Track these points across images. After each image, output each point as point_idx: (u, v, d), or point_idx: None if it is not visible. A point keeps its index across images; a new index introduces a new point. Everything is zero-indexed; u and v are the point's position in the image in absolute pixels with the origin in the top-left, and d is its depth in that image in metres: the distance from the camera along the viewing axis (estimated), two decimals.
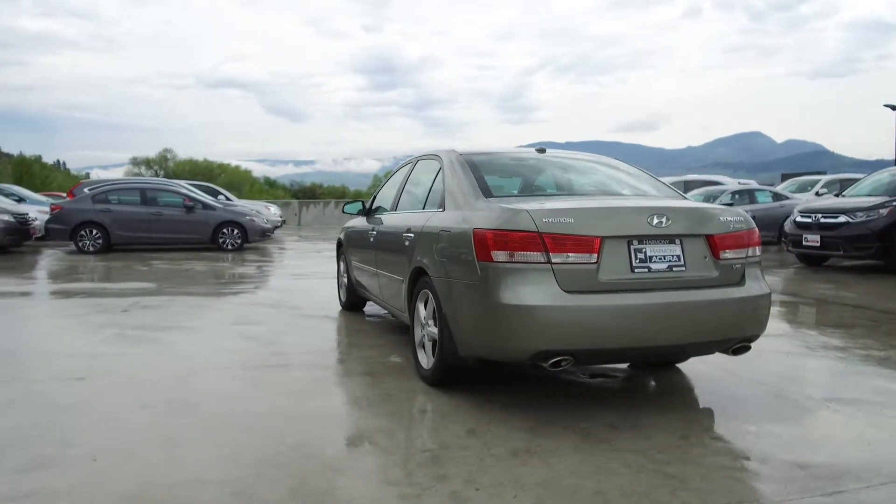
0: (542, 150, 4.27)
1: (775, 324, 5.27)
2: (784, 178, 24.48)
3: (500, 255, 3.04)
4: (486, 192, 3.59)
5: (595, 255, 3.03)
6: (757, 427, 3.07)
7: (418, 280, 3.84)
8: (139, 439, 2.89)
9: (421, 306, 3.81)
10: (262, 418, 3.18)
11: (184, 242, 13.53)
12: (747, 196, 14.90)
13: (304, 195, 54.45)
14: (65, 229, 12.81)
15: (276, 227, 18.31)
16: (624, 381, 4.00)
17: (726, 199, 13.82)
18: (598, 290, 3.02)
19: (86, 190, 14.41)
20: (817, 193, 15.57)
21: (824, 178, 17.45)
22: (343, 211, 5.71)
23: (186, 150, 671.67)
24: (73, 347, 4.78)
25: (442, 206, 3.82)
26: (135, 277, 9.09)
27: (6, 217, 12.50)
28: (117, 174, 67.10)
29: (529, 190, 4.09)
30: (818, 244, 9.55)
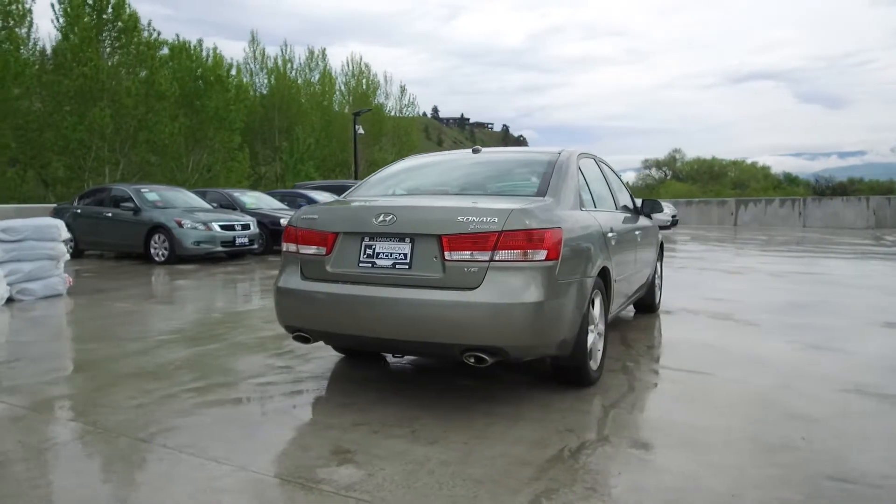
0: (476, 151, 4.47)
1: None
2: None
3: (283, 246, 3.69)
4: (350, 192, 4.22)
5: (325, 249, 3.43)
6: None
7: None
8: None
9: None
10: None
11: None
12: None
13: (833, 192, 47.39)
14: None
15: (666, 227, 18.29)
16: (496, 382, 3.78)
17: None
18: (325, 279, 3.41)
19: None
20: None
21: None
22: None
23: (708, 149, 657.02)
24: None
25: None
26: None
27: None
28: (630, 176, 73.64)
29: (384, 190, 4.14)
30: None
